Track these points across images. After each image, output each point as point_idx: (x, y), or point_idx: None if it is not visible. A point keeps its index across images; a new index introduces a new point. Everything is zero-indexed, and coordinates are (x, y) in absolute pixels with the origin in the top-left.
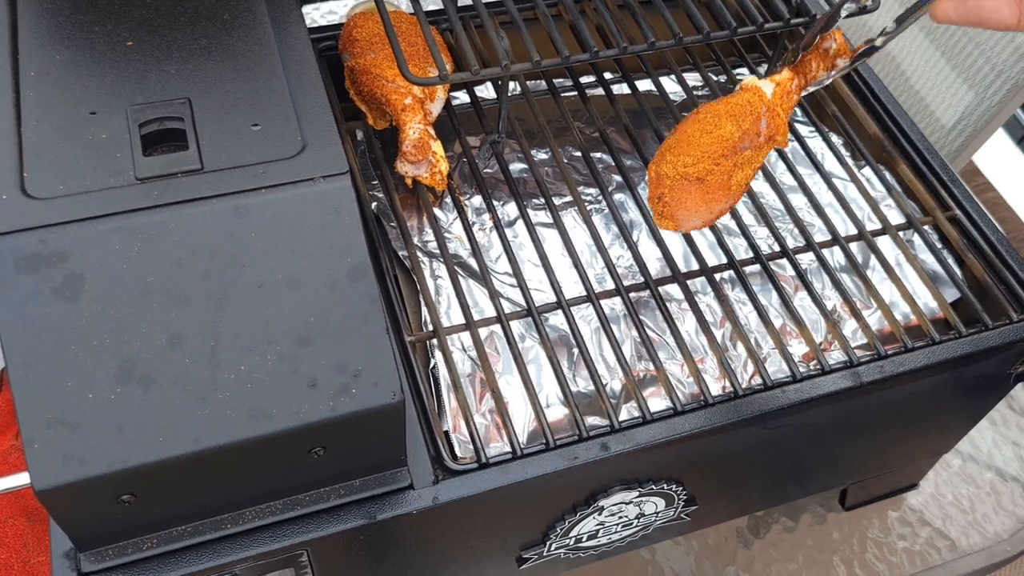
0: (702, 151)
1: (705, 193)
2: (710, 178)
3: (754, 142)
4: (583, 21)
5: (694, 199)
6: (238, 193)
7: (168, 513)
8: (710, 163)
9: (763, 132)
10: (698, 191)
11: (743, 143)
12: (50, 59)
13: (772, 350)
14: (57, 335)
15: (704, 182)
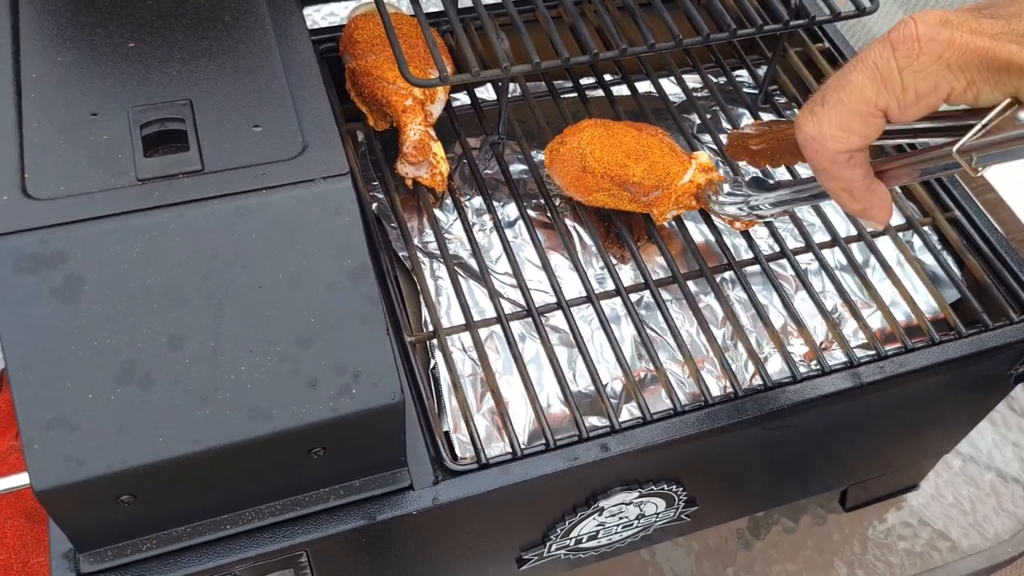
0: (610, 160)
1: (575, 177)
2: (588, 178)
3: (637, 196)
4: (583, 23)
5: (568, 171)
6: (239, 194)
7: (168, 514)
8: (601, 171)
9: (649, 199)
10: (573, 170)
11: (633, 188)
12: (51, 60)
13: (772, 350)
14: (57, 336)
15: (585, 173)
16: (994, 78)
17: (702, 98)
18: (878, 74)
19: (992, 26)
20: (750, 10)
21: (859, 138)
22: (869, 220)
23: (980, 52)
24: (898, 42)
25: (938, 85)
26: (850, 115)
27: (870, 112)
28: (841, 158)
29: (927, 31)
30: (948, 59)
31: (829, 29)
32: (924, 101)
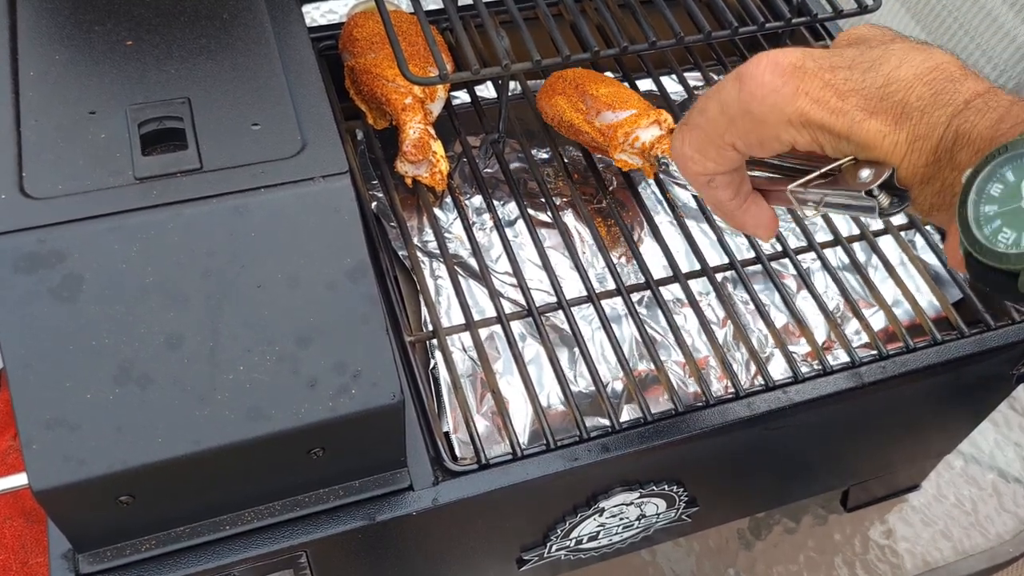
0: (585, 76)
1: (549, 84)
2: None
3: (591, 113)
4: (583, 20)
5: (547, 84)
6: (237, 193)
7: (167, 514)
8: (571, 77)
9: (602, 124)
10: (550, 81)
11: (591, 101)
12: (49, 59)
13: (774, 350)
14: (55, 335)
15: (558, 79)
16: (835, 141)
17: None
18: (726, 110)
19: (846, 80)
20: (752, 8)
21: (714, 164)
22: (752, 235)
23: (824, 114)
24: (745, 82)
25: (779, 135)
26: (704, 143)
27: (720, 145)
28: (701, 179)
29: (772, 80)
30: (789, 115)
31: (831, 27)
32: (768, 146)
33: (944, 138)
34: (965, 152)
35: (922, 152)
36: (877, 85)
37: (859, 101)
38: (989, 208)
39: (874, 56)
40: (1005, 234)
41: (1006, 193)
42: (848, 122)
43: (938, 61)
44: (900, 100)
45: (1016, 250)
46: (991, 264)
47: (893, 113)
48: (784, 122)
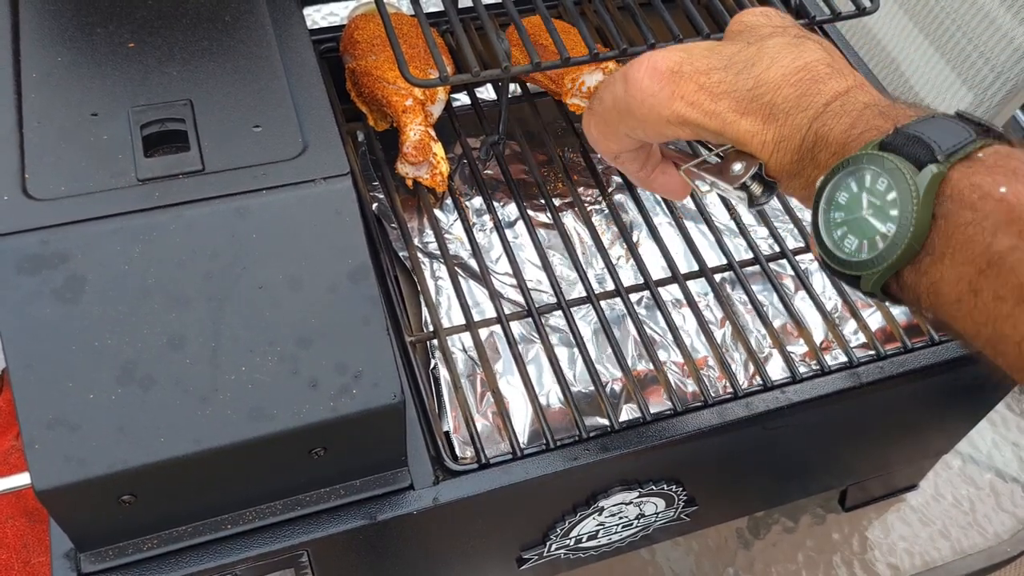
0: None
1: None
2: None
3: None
4: (583, 23)
5: (513, 47)
6: (239, 194)
7: (168, 514)
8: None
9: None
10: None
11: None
12: (52, 60)
13: (772, 350)
14: (58, 336)
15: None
16: (714, 137)
17: None
18: (616, 105)
19: (720, 82)
20: None
21: (616, 146)
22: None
23: (700, 114)
24: (628, 84)
25: (663, 132)
26: (604, 128)
27: (616, 132)
28: (608, 156)
29: (650, 85)
30: (667, 116)
31: (829, 29)
32: (656, 138)
33: (806, 139)
34: (824, 153)
35: (787, 151)
36: (747, 88)
37: (731, 103)
38: (837, 215)
39: (748, 56)
40: (849, 240)
41: (851, 202)
42: (721, 122)
43: (806, 60)
44: (768, 102)
45: (856, 258)
46: (836, 268)
47: (762, 114)
48: (663, 122)
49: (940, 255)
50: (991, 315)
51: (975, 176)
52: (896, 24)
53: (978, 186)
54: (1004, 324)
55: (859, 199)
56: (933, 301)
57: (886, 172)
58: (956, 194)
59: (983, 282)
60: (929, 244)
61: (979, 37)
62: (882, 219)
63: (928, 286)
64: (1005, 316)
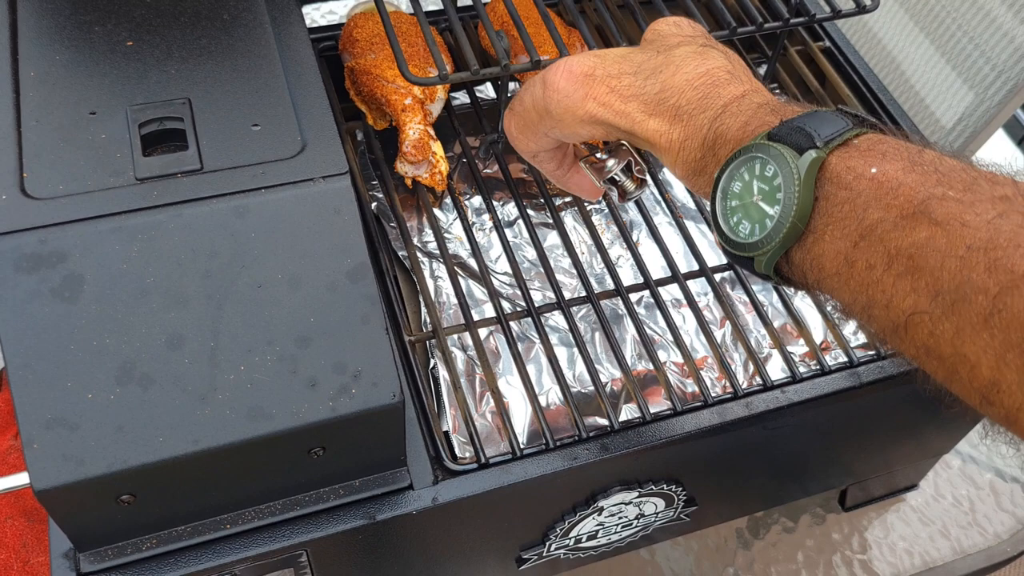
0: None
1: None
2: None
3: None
4: (583, 21)
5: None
6: (238, 193)
7: (167, 513)
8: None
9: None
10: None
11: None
12: (50, 59)
13: (772, 350)
14: (56, 335)
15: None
16: (626, 137)
17: None
18: (535, 106)
19: (630, 86)
20: (750, 8)
21: (535, 145)
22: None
23: (611, 114)
24: (546, 86)
25: (578, 131)
26: (524, 128)
27: (536, 132)
28: (527, 155)
29: (565, 86)
30: (580, 116)
31: (830, 27)
32: (573, 137)
33: (707, 137)
34: (723, 149)
35: (691, 149)
36: (655, 91)
37: (639, 105)
38: (732, 202)
39: (656, 63)
40: (743, 225)
41: (744, 190)
42: (631, 122)
43: (708, 67)
44: (674, 104)
45: (750, 239)
46: (733, 252)
47: (668, 115)
48: (577, 121)
49: (821, 233)
50: (863, 283)
51: (850, 160)
52: (896, 22)
53: (852, 168)
54: (875, 290)
55: (750, 186)
56: (817, 276)
57: (772, 159)
58: (834, 176)
59: (856, 253)
60: (812, 224)
61: (980, 36)
62: (770, 203)
63: (811, 262)
64: (875, 282)
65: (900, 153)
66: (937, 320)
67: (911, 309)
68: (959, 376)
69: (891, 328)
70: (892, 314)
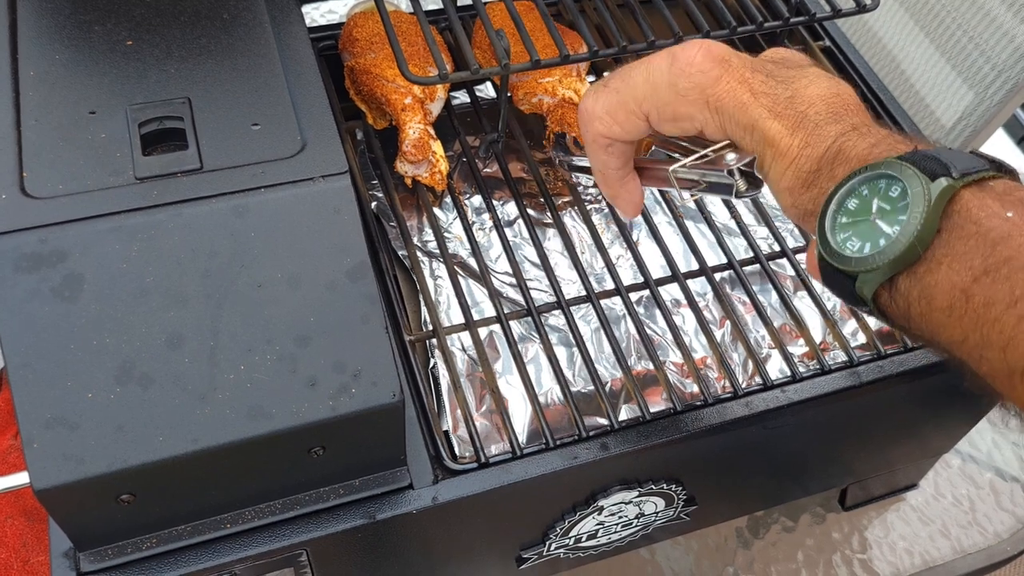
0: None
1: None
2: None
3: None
4: (583, 20)
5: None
6: (238, 192)
7: (167, 513)
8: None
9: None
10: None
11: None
12: (49, 59)
13: (772, 350)
14: (56, 335)
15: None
16: (740, 132)
17: None
18: (652, 80)
19: (762, 84)
20: (751, 7)
21: (620, 129)
22: (616, 208)
23: (736, 104)
24: (677, 59)
25: (693, 115)
26: (618, 106)
27: (634, 111)
28: (602, 140)
29: (703, 62)
30: (708, 96)
31: (830, 26)
32: (680, 123)
33: (829, 151)
34: (842, 168)
35: (809, 159)
36: (786, 95)
37: (767, 102)
38: (845, 219)
39: (790, 73)
40: (853, 242)
41: (860, 208)
42: (754, 117)
43: (841, 90)
44: (801, 111)
45: (857, 255)
46: (836, 266)
47: (793, 120)
48: (702, 102)
49: (938, 263)
50: (979, 320)
51: (984, 199)
52: (897, 21)
53: (986, 206)
54: (991, 329)
55: (869, 204)
56: (924, 308)
57: (903, 178)
58: (964, 210)
59: (976, 288)
60: (930, 252)
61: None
62: (889, 223)
63: (921, 292)
64: (993, 320)
65: None
66: None
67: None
68: None
69: (1006, 372)
70: (1010, 357)
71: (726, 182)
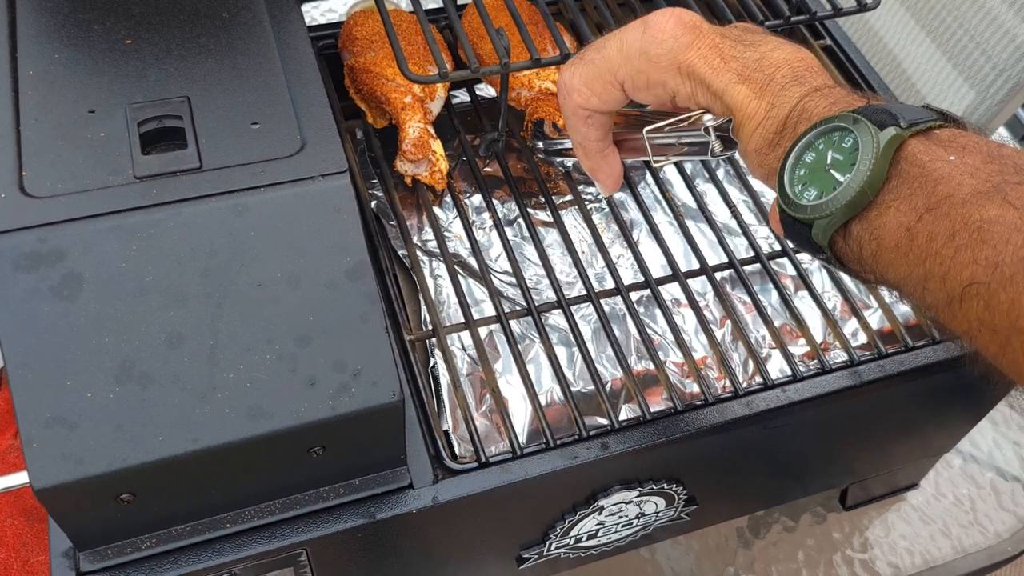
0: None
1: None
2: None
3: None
4: (583, 19)
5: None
6: (237, 192)
7: (167, 512)
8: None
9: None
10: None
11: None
12: (49, 58)
13: (772, 349)
14: (56, 334)
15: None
16: (711, 98)
17: None
18: (624, 49)
19: (731, 48)
20: (751, 6)
21: (598, 100)
22: (597, 183)
23: (706, 70)
24: (649, 26)
25: (666, 81)
26: (595, 77)
27: (610, 81)
28: (581, 113)
29: (674, 28)
30: (680, 62)
31: (831, 25)
32: (653, 90)
33: (792, 111)
34: (803, 125)
35: (774, 120)
36: (754, 59)
37: (737, 67)
38: (802, 172)
39: (757, 38)
40: (809, 192)
41: (816, 160)
42: (724, 82)
43: (804, 55)
44: (768, 74)
45: (813, 204)
46: (794, 215)
47: (760, 83)
48: (674, 68)
49: (887, 206)
50: (922, 255)
51: (930, 146)
52: (897, 20)
53: (931, 151)
54: (932, 262)
55: (823, 156)
56: (874, 249)
57: (855, 129)
58: (910, 156)
59: (920, 226)
60: (879, 197)
61: (981, 34)
62: (842, 172)
63: (871, 234)
64: (934, 254)
65: (979, 147)
66: (994, 292)
67: (968, 280)
68: (1011, 348)
69: (945, 301)
70: (948, 286)
71: (702, 141)
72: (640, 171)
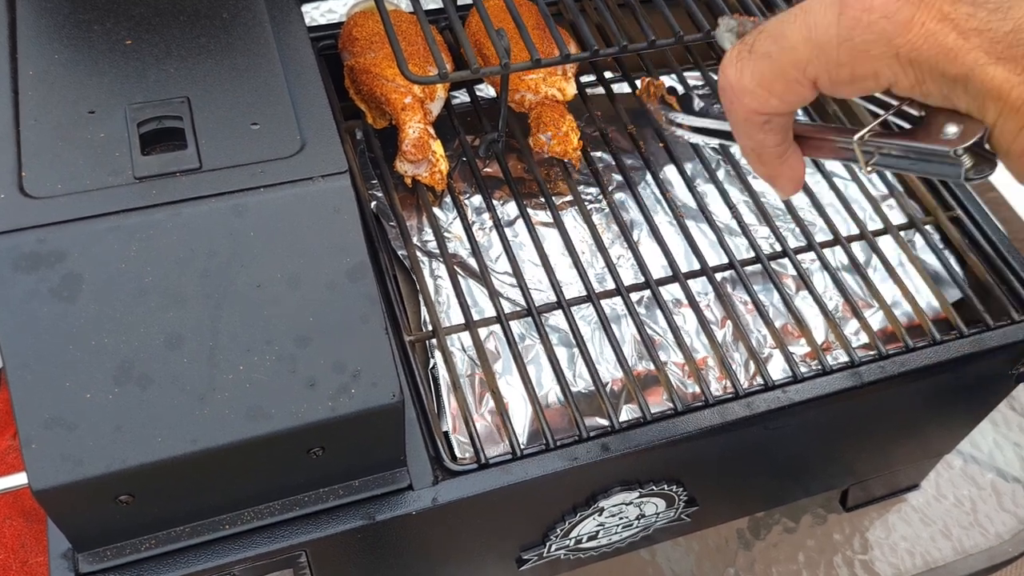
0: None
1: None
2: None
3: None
4: (583, 19)
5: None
6: (237, 192)
7: (166, 513)
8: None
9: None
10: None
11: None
12: (49, 58)
13: (773, 350)
14: (55, 335)
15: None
16: (947, 86)
17: (703, 95)
18: (814, 36)
19: (969, 18)
20: (751, 6)
21: (779, 102)
22: (774, 188)
23: (938, 52)
24: (848, 4)
25: (879, 72)
26: (774, 74)
27: (796, 78)
28: (757, 118)
29: (885, 4)
30: (899, 47)
31: None
32: (860, 84)
33: None
34: None
35: None
36: (1006, 29)
37: (983, 43)
38: None
39: (1002, 1)
40: None
41: None
42: (968, 65)
43: None
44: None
45: None
46: None
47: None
48: (891, 56)
49: None
50: None
51: None
52: None
53: None
54: None
55: None
56: None
57: None
58: None
59: None
60: None
61: None
62: None
63: None
64: None
65: None
66: None
67: None
68: None
69: None
70: None
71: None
72: (640, 171)
